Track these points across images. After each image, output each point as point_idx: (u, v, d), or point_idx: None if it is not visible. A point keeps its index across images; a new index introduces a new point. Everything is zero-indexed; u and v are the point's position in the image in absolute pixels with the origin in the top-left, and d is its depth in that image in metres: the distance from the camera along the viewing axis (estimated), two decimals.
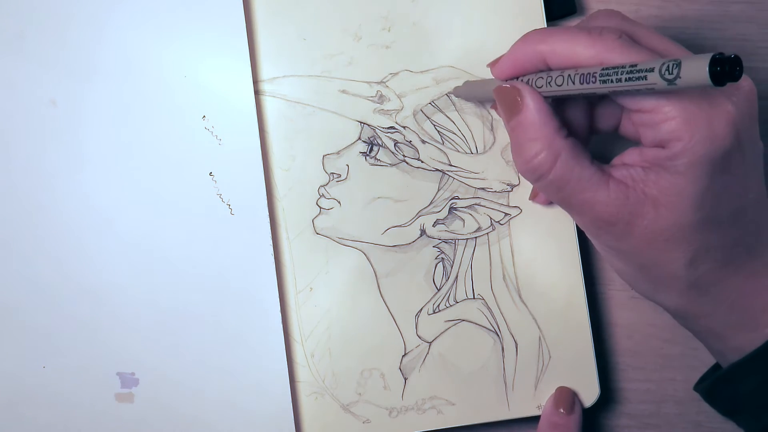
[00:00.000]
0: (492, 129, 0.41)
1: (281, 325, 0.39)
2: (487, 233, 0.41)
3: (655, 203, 0.31)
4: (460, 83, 0.40)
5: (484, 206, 0.41)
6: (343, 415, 0.40)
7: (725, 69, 0.26)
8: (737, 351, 0.35)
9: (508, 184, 0.41)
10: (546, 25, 0.40)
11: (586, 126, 0.36)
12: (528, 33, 0.34)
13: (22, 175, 0.39)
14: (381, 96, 0.40)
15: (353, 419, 0.40)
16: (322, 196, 0.40)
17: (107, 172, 0.39)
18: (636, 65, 0.28)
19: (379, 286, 0.40)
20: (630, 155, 0.33)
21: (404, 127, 0.41)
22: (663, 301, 0.35)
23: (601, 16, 0.34)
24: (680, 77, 0.27)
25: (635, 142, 0.34)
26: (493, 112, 0.40)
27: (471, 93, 0.40)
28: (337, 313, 0.40)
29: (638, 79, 0.28)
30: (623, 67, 0.29)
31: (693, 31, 0.43)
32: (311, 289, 0.40)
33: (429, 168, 0.41)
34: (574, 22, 0.43)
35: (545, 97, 0.33)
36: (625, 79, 0.29)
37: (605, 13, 0.34)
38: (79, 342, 0.39)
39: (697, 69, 0.26)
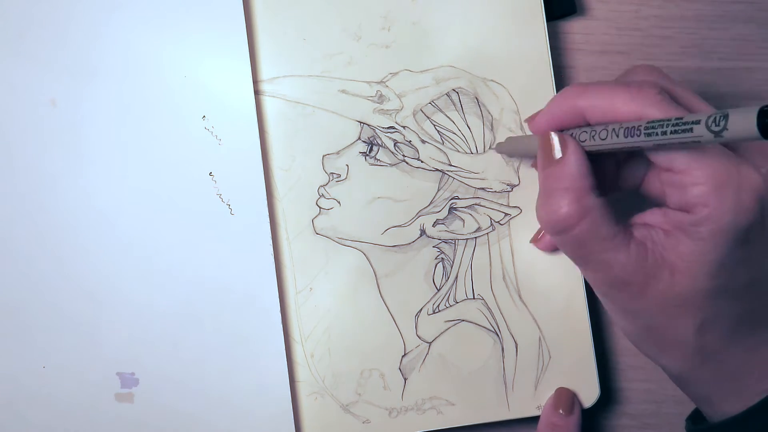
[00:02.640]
0: (492, 129, 0.41)
1: (281, 325, 0.39)
2: (487, 233, 0.41)
3: (672, 269, 0.31)
4: (460, 83, 0.40)
5: (484, 206, 0.41)
6: (343, 415, 0.40)
7: None
8: (724, 416, 0.35)
9: (508, 184, 0.41)
10: (545, 25, 0.40)
11: (612, 183, 0.36)
12: (566, 88, 0.33)
13: (22, 175, 0.39)
14: (381, 96, 0.40)
15: (353, 419, 0.40)
16: (322, 196, 0.40)
17: (107, 172, 0.39)
18: (682, 118, 0.28)
19: (379, 286, 0.40)
20: (652, 215, 0.33)
21: (404, 127, 0.41)
22: (666, 365, 0.35)
23: (640, 72, 0.34)
24: (727, 129, 0.26)
25: (656, 203, 0.34)
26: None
27: (514, 148, 0.39)
28: (337, 313, 0.40)
29: (684, 131, 0.28)
30: (669, 120, 0.28)
31: (693, 31, 0.43)
32: (311, 289, 0.40)
33: (429, 168, 0.41)
34: (574, 21, 0.43)
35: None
36: (671, 132, 0.28)
37: (644, 68, 0.34)
38: (79, 342, 0.39)
39: (744, 121, 0.25)
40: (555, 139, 0.33)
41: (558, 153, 0.33)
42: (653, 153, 0.32)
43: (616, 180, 0.36)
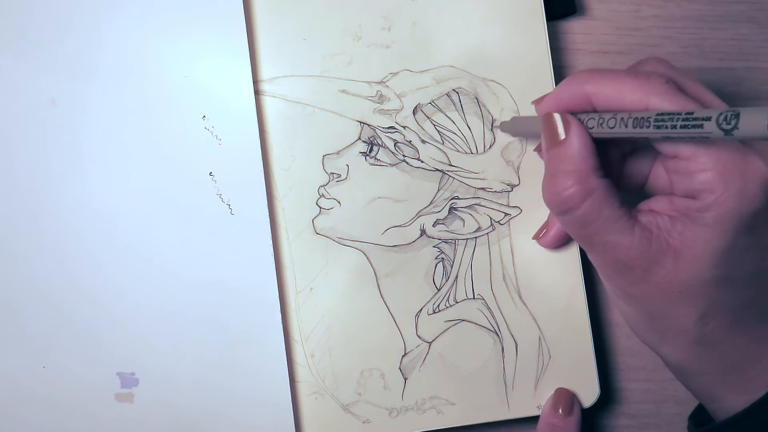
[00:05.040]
0: (492, 129, 0.41)
1: (281, 325, 0.39)
2: (487, 233, 0.41)
3: (677, 254, 0.31)
4: (460, 83, 0.40)
5: (484, 206, 0.41)
6: (343, 415, 0.40)
7: None
8: (728, 412, 0.34)
9: (508, 184, 0.41)
10: (545, 25, 0.40)
11: (617, 179, 0.36)
12: (575, 73, 0.34)
13: (22, 175, 0.39)
14: (381, 96, 0.40)
15: (353, 419, 0.40)
16: (322, 196, 0.40)
17: (107, 172, 0.39)
18: (692, 113, 0.28)
19: (379, 286, 0.40)
20: (658, 202, 0.33)
21: (404, 127, 0.41)
22: (666, 353, 0.35)
23: (650, 63, 0.34)
24: (738, 128, 0.26)
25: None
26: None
27: (517, 128, 0.40)
28: (337, 313, 0.40)
29: (694, 127, 0.28)
30: (679, 114, 0.29)
31: (693, 31, 0.43)
32: (311, 289, 0.40)
33: (429, 168, 0.41)
34: (574, 21, 0.43)
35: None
36: (681, 126, 0.28)
37: (653, 60, 0.34)
38: (79, 342, 0.39)
39: (755, 121, 0.26)
40: (558, 119, 0.34)
41: (561, 134, 0.33)
42: (659, 142, 0.32)
43: (621, 176, 0.36)
